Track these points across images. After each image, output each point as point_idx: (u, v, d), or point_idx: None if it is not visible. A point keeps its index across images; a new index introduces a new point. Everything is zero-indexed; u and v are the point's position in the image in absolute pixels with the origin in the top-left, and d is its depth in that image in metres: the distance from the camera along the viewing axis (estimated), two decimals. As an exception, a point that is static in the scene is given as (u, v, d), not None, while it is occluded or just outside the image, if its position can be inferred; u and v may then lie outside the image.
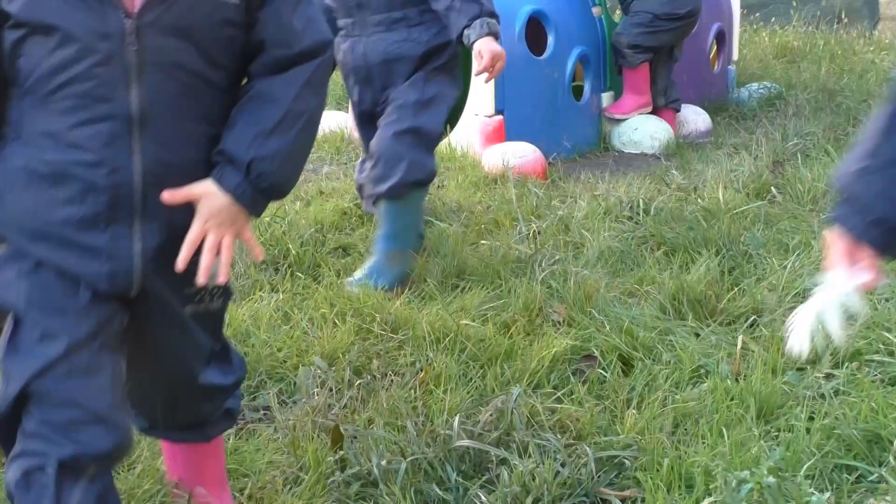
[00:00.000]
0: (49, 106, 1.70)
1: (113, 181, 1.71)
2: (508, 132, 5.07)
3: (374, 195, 3.50)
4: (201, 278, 1.76)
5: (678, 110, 5.69)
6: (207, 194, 1.76)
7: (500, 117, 5.08)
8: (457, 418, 2.47)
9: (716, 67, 6.39)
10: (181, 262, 1.76)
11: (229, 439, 2.56)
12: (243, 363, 2.10)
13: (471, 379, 2.81)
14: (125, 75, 1.68)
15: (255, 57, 1.79)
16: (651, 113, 5.60)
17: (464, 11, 3.34)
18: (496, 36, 3.37)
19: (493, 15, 3.39)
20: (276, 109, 1.76)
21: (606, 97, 5.61)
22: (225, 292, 1.96)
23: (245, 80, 1.84)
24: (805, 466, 2.31)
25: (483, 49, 3.34)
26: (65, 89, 1.69)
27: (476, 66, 3.41)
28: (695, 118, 5.74)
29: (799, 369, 2.84)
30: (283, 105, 1.77)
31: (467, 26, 3.34)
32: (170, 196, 1.74)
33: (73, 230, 1.74)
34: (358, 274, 3.49)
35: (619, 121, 5.56)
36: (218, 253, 1.78)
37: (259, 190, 1.78)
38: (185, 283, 1.83)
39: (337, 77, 6.79)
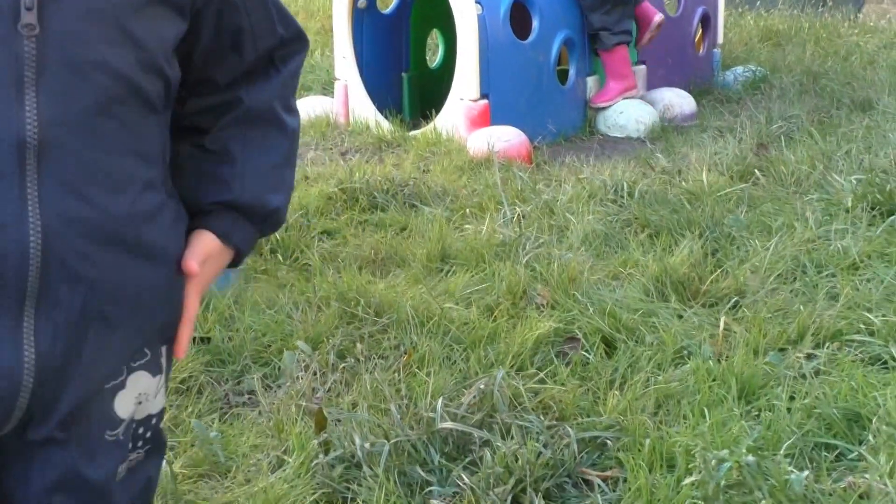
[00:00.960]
0: None
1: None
2: (493, 116, 5.07)
3: None
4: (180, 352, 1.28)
5: None
6: (214, 252, 1.29)
7: (485, 101, 5.08)
8: (440, 401, 2.48)
9: (701, 51, 6.39)
10: (182, 349, 1.27)
11: (214, 423, 2.58)
12: None
13: (454, 362, 2.83)
14: (16, 77, 1.08)
15: (221, 56, 1.28)
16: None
17: None
18: None
19: None
20: (281, 133, 1.32)
21: (591, 81, 5.62)
22: (154, 440, 1.32)
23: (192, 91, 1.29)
24: (785, 445, 2.34)
25: None
26: None
27: None
28: (680, 101, 5.75)
29: (780, 350, 2.86)
30: (286, 123, 1.33)
31: None
32: (194, 263, 1.25)
33: None
34: None
35: (605, 108, 5.57)
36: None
37: (265, 237, 1.37)
38: (105, 415, 1.23)
39: (323, 62, 6.80)
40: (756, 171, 4.45)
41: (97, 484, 1.23)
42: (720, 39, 6.60)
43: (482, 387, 2.55)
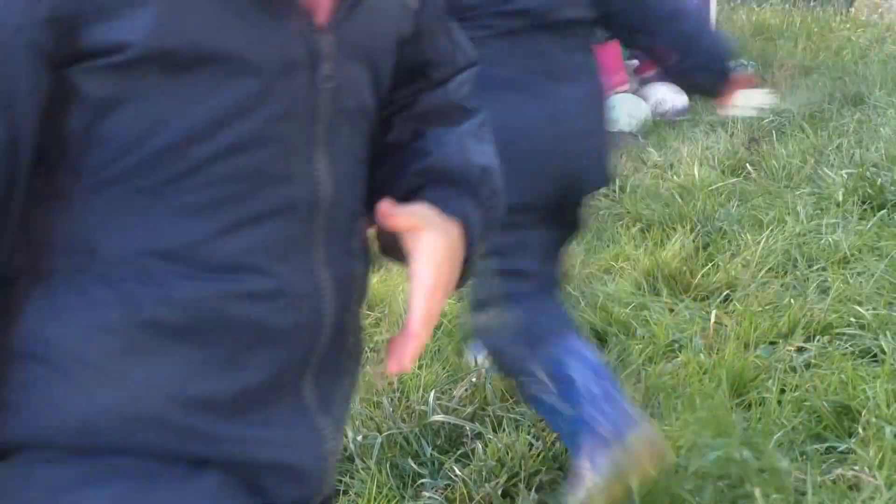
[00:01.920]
0: (168, 202, 0.91)
1: (296, 320, 0.97)
2: (486, 110, 5.07)
3: None
4: (396, 365, 1.01)
5: None
6: (432, 226, 1.01)
7: (477, 96, 5.08)
8: (432, 394, 2.49)
9: (693, 45, 6.40)
10: (409, 360, 0.99)
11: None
12: None
13: (446, 355, 2.83)
14: (307, 135, 0.96)
15: (404, 85, 1.12)
16: None
17: None
18: None
19: None
20: (465, 114, 1.15)
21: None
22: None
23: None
24: (775, 438, 2.34)
25: None
26: (206, 169, 0.91)
27: None
28: (671, 96, 5.76)
29: (771, 343, 2.87)
30: (468, 108, 1.16)
31: None
32: (389, 214, 1.00)
33: (220, 418, 0.95)
34: None
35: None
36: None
37: (492, 218, 1.10)
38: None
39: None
40: (747, 165, 4.47)
41: None
42: (712, 34, 6.61)
43: (474, 380, 2.56)
